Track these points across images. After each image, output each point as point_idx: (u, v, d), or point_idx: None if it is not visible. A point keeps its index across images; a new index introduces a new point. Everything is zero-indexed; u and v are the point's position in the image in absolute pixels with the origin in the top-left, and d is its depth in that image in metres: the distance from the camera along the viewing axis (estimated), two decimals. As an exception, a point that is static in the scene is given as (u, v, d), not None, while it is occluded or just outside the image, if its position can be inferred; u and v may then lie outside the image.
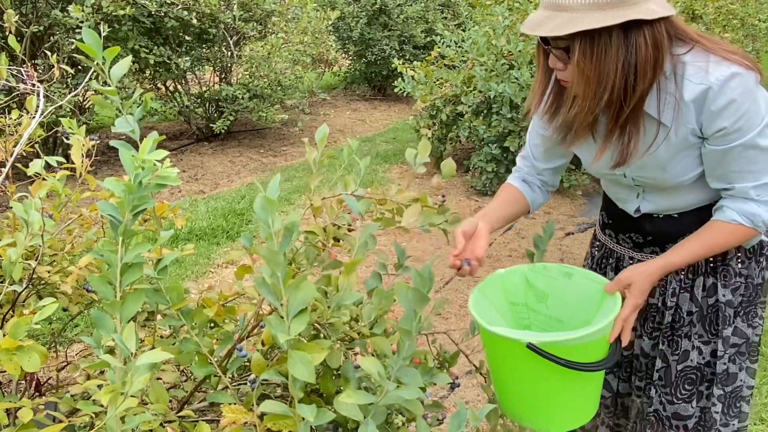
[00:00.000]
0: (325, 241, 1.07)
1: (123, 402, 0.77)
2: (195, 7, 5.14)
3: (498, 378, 1.31)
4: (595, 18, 1.07)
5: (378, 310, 1.04)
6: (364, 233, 1.03)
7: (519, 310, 1.42)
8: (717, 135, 1.19)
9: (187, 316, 1.02)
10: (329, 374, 1.01)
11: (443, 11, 8.78)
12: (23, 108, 1.54)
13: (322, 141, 1.12)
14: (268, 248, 0.76)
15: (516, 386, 1.27)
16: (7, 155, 1.47)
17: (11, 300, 1.22)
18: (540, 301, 1.41)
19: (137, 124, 0.97)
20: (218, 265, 3.74)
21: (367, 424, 0.80)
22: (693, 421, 1.45)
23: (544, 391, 1.23)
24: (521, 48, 4.56)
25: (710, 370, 1.43)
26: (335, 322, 0.97)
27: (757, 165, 1.22)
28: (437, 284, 3.48)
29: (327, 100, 8.29)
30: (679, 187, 1.32)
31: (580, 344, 1.17)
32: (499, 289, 1.39)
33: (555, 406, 1.26)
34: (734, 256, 1.38)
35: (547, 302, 1.41)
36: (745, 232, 1.27)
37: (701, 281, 1.40)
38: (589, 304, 1.33)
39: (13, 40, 1.71)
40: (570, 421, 1.29)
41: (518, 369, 1.22)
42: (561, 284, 1.39)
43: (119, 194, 0.87)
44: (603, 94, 1.15)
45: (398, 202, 1.11)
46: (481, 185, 4.80)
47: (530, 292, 1.41)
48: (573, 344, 1.16)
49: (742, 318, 1.41)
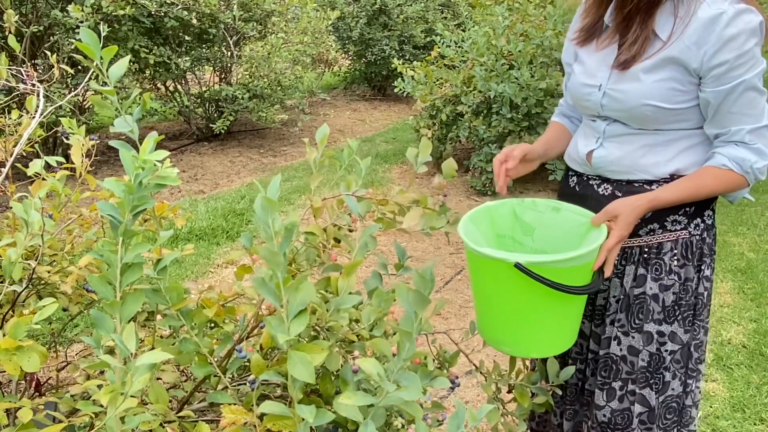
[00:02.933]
0: (325, 242, 1.07)
1: (123, 402, 0.77)
2: (195, 7, 5.14)
3: (481, 302, 1.34)
4: None
5: (377, 312, 1.04)
6: (364, 234, 1.03)
7: (505, 242, 1.46)
8: (716, 71, 1.20)
9: (187, 316, 1.02)
10: (328, 377, 1.01)
11: (443, 11, 8.78)
12: (23, 108, 1.54)
13: (323, 141, 1.12)
14: (268, 249, 0.76)
15: (498, 309, 1.30)
16: (7, 155, 1.47)
17: (11, 300, 1.22)
18: (526, 234, 1.45)
19: (136, 124, 0.97)
20: (218, 265, 3.74)
21: (366, 425, 0.80)
22: (605, 415, 1.44)
23: (527, 313, 1.27)
24: (521, 48, 4.56)
25: (626, 368, 1.41)
26: (334, 325, 0.97)
27: (755, 109, 1.23)
28: (437, 284, 3.47)
29: (327, 100, 8.29)
30: (640, 133, 1.33)
31: (564, 268, 1.20)
32: (486, 220, 1.42)
33: (536, 330, 1.29)
34: (669, 251, 1.37)
35: (533, 235, 1.45)
36: (733, 178, 1.27)
37: (632, 269, 1.39)
38: (574, 237, 1.36)
39: (13, 40, 1.71)
40: (549, 346, 1.33)
41: (503, 290, 1.26)
42: (548, 218, 1.42)
43: (119, 194, 0.87)
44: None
45: (399, 203, 1.12)
46: (481, 185, 4.80)
47: (517, 224, 1.45)
48: (558, 267, 1.20)
49: (679, 322, 1.38)
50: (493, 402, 1.38)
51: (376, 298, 1.05)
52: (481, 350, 1.54)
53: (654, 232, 1.37)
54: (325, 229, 1.08)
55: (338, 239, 1.10)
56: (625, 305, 1.41)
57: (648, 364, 1.39)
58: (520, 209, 1.44)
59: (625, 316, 1.41)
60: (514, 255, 1.19)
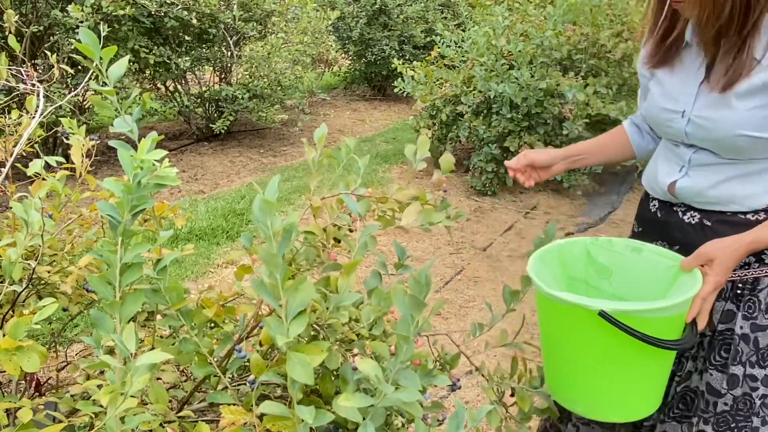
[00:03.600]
0: (325, 242, 1.07)
1: (123, 403, 0.77)
2: (195, 7, 5.14)
3: (553, 354, 1.21)
4: None
5: (377, 311, 1.04)
6: (363, 234, 1.03)
7: (577, 285, 1.31)
8: None
9: (187, 316, 1.02)
10: (328, 376, 1.01)
11: (443, 11, 8.78)
12: (23, 108, 1.54)
13: (321, 140, 1.12)
14: (267, 250, 0.76)
15: (575, 363, 1.17)
16: (6, 155, 1.47)
17: (11, 300, 1.22)
18: (602, 278, 1.30)
19: (136, 124, 0.97)
20: (218, 265, 3.74)
21: (366, 426, 0.80)
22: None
23: (609, 370, 1.13)
24: (521, 48, 4.56)
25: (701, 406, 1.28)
26: (334, 323, 0.97)
27: None
28: (437, 284, 3.47)
29: (327, 100, 8.29)
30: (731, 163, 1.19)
31: (654, 318, 1.06)
32: (556, 260, 1.28)
33: (618, 389, 1.15)
34: (766, 287, 1.22)
35: (611, 279, 1.29)
36: None
37: (721, 305, 1.25)
38: (659, 282, 1.22)
39: (13, 40, 1.71)
40: (631, 409, 1.17)
41: (582, 342, 1.12)
42: (628, 259, 1.27)
43: (118, 194, 0.87)
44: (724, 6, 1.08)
45: (398, 200, 1.11)
46: (481, 185, 4.80)
47: (591, 267, 1.30)
48: (648, 317, 1.05)
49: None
50: (496, 403, 1.37)
51: (376, 297, 1.05)
52: (483, 351, 1.52)
53: (749, 266, 1.22)
54: (324, 228, 1.08)
55: (338, 239, 1.10)
56: (708, 342, 1.27)
57: (731, 408, 1.25)
58: (595, 249, 1.29)
59: (706, 353, 1.28)
60: (598, 301, 1.06)
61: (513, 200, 4.75)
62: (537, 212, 4.57)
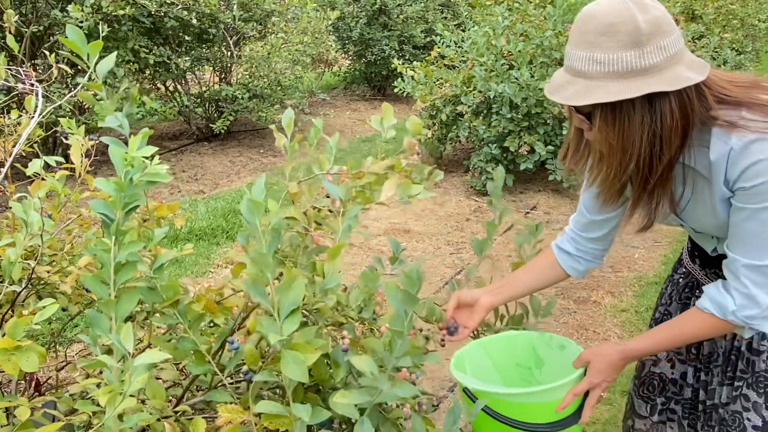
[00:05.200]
0: (307, 226, 1.06)
1: (121, 402, 0.77)
2: (195, 7, 5.14)
3: None
4: (613, 89, 1.00)
5: (365, 292, 1.04)
6: (347, 216, 1.02)
7: (521, 372, 1.47)
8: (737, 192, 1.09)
9: (183, 314, 1.02)
10: (322, 362, 1.01)
11: (443, 11, 8.77)
12: (22, 108, 1.55)
13: (290, 126, 1.12)
14: (256, 250, 0.76)
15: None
16: (6, 155, 1.47)
17: (11, 300, 1.22)
18: (537, 368, 1.46)
19: (136, 124, 0.97)
20: (218, 265, 3.74)
21: (362, 422, 0.80)
22: None
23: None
24: (521, 48, 4.57)
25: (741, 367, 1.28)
26: (322, 308, 0.97)
27: (759, 242, 1.09)
28: (437, 284, 3.48)
29: (327, 100, 8.29)
30: None
31: (518, 402, 1.21)
32: (506, 348, 1.44)
33: None
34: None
35: (542, 370, 1.46)
36: (717, 323, 1.17)
37: None
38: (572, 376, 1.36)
39: (13, 40, 1.72)
40: None
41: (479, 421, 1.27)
42: (555, 355, 1.42)
43: (110, 192, 0.87)
44: (629, 163, 1.07)
45: (374, 173, 1.09)
46: (480, 185, 4.80)
47: (533, 357, 1.46)
48: (512, 401, 1.21)
49: None
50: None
51: (363, 279, 1.06)
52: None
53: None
54: (305, 212, 1.08)
55: (319, 222, 1.09)
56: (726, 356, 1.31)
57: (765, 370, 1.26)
58: (538, 342, 1.44)
59: (722, 367, 1.31)
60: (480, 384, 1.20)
61: (513, 200, 4.75)
62: (537, 212, 4.58)
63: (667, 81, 0.99)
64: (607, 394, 1.94)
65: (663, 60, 1.00)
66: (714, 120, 1.06)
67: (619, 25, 0.99)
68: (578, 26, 1.05)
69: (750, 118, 1.04)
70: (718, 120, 1.06)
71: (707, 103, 1.05)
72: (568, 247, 1.42)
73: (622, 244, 3.95)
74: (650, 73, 1.00)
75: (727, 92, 1.07)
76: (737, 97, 1.07)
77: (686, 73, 1.01)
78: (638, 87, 0.99)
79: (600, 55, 1.01)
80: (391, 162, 1.10)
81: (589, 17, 1.03)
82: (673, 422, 1.48)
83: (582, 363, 1.27)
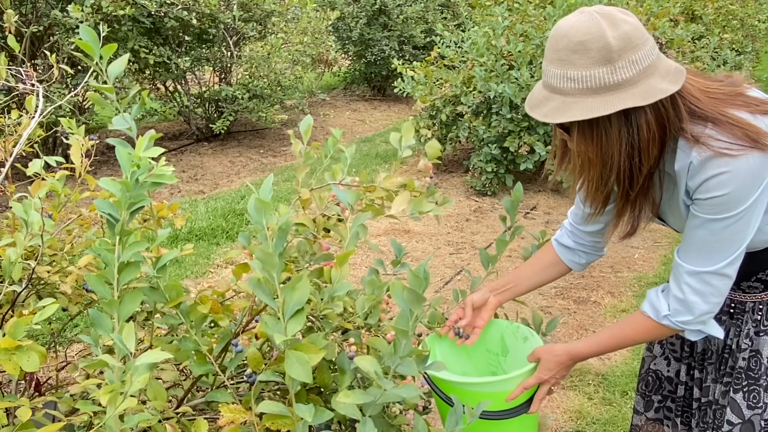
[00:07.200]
0: (315, 233, 1.07)
1: (122, 402, 0.77)
2: (195, 7, 5.14)
3: None
4: (588, 105, 1.01)
5: (371, 300, 1.04)
6: (355, 223, 1.03)
7: (490, 358, 1.52)
8: (695, 201, 1.11)
9: (185, 314, 1.02)
10: (325, 366, 1.01)
11: (443, 11, 8.77)
12: (23, 108, 1.54)
13: (307, 132, 1.12)
14: (263, 249, 0.76)
15: None
16: (6, 155, 1.47)
17: (11, 300, 1.22)
18: (503, 356, 1.51)
19: (135, 123, 0.97)
20: (218, 265, 3.74)
21: (365, 423, 0.80)
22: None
23: None
24: (521, 48, 4.57)
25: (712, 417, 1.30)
26: (329, 314, 0.98)
27: (705, 250, 1.11)
28: (438, 284, 3.48)
29: (327, 101, 8.29)
30: None
31: (471, 391, 1.26)
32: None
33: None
34: None
35: (506, 358, 1.51)
36: (653, 326, 1.19)
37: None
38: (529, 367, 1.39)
39: (13, 40, 1.71)
40: None
41: None
42: (519, 345, 1.46)
43: (116, 193, 0.87)
44: (609, 175, 1.09)
45: (386, 189, 1.10)
46: (480, 185, 4.80)
47: (501, 344, 1.51)
48: (466, 389, 1.26)
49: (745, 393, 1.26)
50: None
51: (370, 286, 1.06)
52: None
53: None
54: (314, 219, 1.08)
55: (328, 229, 1.10)
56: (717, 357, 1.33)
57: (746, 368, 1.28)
58: (507, 331, 1.49)
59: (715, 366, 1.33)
60: (446, 373, 1.22)
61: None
62: (537, 212, 4.58)
63: (641, 95, 1.00)
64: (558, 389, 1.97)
65: (636, 74, 1.01)
66: (683, 131, 1.08)
67: (589, 42, 1.00)
68: (551, 44, 1.06)
69: (713, 136, 1.05)
70: (685, 132, 1.07)
71: (680, 113, 1.07)
72: (567, 241, 1.44)
73: (622, 244, 3.94)
74: (624, 87, 1.01)
75: (698, 104, 1.08)
76: (705, 111, 1.07)
77: (660, 84, 1.02)
78: (612, 103, 1.00)
79: (573, 72, 1.02)
80: (404, 180, 1.11)
81: (561, 35, 1.04)
82: (669, 420, 1.50)
83: (534, 358, 1.31)
